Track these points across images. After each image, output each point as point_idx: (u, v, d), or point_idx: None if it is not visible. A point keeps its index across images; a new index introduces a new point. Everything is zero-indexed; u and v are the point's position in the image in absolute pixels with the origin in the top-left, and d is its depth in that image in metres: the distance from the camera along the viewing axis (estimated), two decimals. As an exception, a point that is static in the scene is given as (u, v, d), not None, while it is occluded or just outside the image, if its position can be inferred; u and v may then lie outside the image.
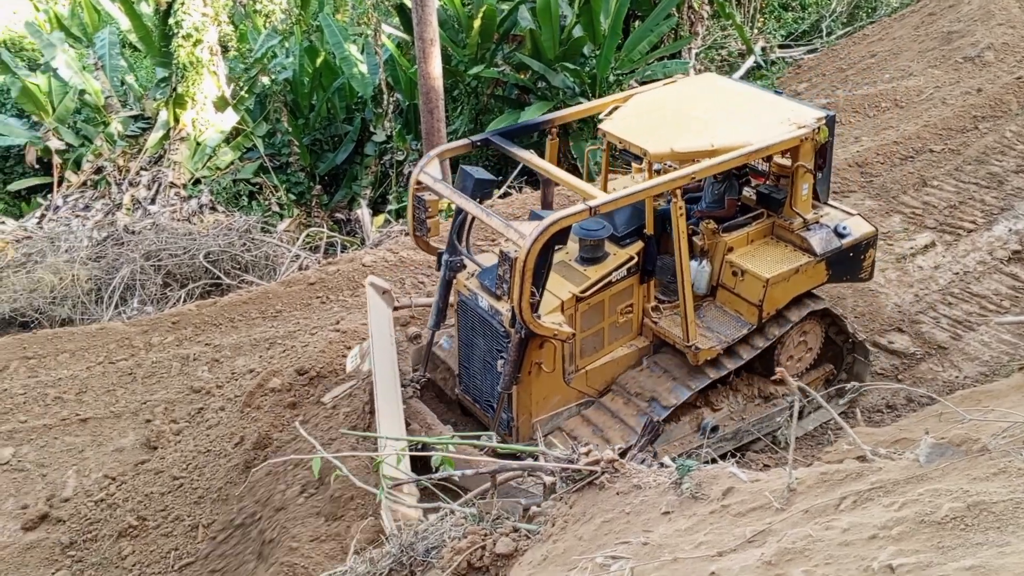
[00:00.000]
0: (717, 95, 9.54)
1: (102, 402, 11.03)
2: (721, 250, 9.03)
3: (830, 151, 9.23)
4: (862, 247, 9.44)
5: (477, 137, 9.24)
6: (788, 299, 9.02)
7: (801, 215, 9.14)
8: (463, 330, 8.89)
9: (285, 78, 19.77)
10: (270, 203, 18.06)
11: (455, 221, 8.67)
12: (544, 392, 8.50)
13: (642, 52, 18.97)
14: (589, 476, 4.37)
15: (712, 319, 8.99)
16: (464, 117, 18.74)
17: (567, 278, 8.46)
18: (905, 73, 17.40)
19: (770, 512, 3.34)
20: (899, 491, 2.96)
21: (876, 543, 2.69)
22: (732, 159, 8.38)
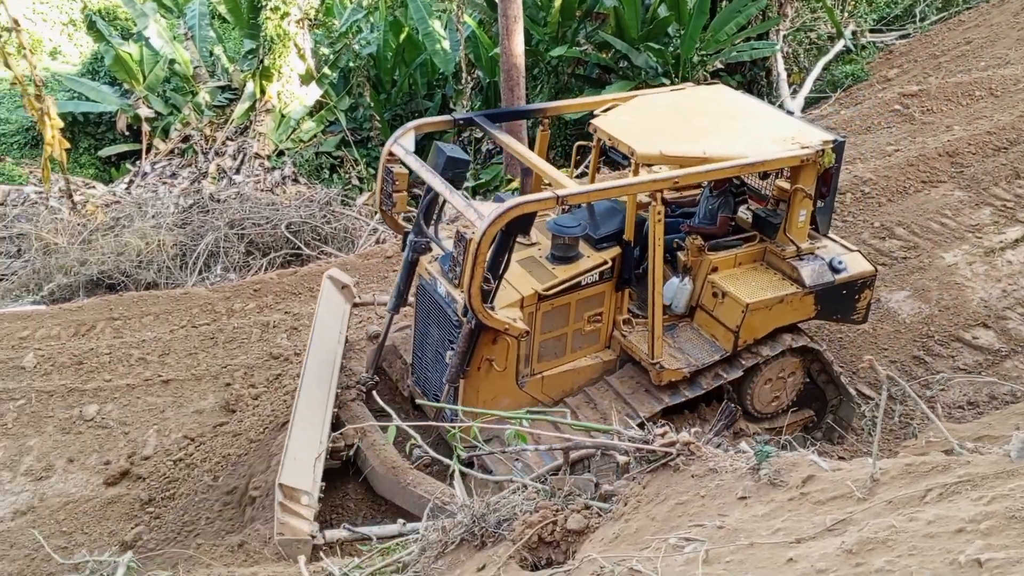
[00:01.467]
0: (722, 106, 9.10)
1: (184, 364, 11.32)
2: (705, 269, 8.54)
3: (835, 179, 8.67)
4: (857, 286, 8.78)
5: (460, 115, 8.94)
6: (768, 330, 8.46)
7: (795, 243, 8.58)
8: (420, 316, 8.53)
9: (369, 53, 19.96)
10: (350, 176, 18.30)
11: (423, 200, 8.30)
12: (493, 392, 7.96)
13: (728, 33, 18.65)
14: (664, 457, 4.35)
15: (686, 340, 8.51)
16: (544, 96, 18.70)
17: (533, 274, 8.03)
18: (1002, 61, 16.79)
19: (851, 501, 3.29)
20: (988, 485, 2.89)
21: (963, 536, 2.63)
22: (721, 169, 7.91)
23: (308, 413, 7.89)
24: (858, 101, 17.47)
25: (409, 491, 7.62)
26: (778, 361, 8.65)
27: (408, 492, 7.63)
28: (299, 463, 7.20)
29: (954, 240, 12.17)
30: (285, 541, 6.70)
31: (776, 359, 8.60)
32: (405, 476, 7.72)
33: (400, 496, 7.74)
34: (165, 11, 21.97)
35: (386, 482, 7.85)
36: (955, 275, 11.61)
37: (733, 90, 9.85)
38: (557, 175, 7.79)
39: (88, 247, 14.25)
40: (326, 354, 8.66)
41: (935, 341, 10.66)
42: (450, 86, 19.64)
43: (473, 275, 7.02)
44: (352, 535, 7.06)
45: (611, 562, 3.76)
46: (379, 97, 19.52)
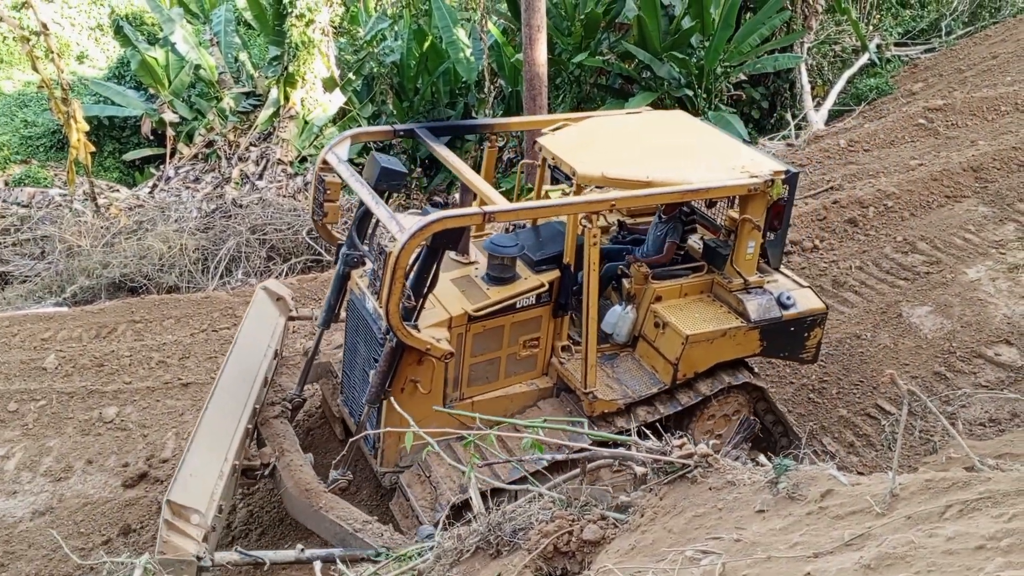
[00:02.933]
0: (676, 132, 8.86)
1: (203, 368, 11.37)
2: (649, 297, 8.27)
3: (788, 212, 8.40)
4: (807, 323, 8.47)
5: (401, 126, 8.67)
6: (709, 364, 8.16)
7: (743, 275, 8.29)
8: (349, 333, 8.28)
9: (392, 61, 20.06)
10: (371, 183, 18.35)
11: (357, 212, 8.00)
12: (417, 415, 7.29)
13: (752, 45, 18.61)
14: (682, 469, 4.33)
15: (624, 371, 8.25)
16: (566, 105, 18.72)
17: (465, 294, 7.78)
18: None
19: (870, 516, 3.27)
20: (1008, 503, 2.86)
21: (983, 554, 2.60)
22: (661, 194, 7.69)
23: (215, 428, 7.43)
24: (882, 115, 17.38)
25: (321, 515, 7.31)
26: (720, 397, 8.35)
27: (320, 516, 7.32)
28: (195, 479, 6.78)
29: (977, 256, 12.07)
30: (166, 560, 6.28)
31: (718, 395, 8.29)
32: (318, 500, 7.41)
33: (312, 520, 7.44)
34: (191, 17, 22.19)
35: (299, 505, 7.52)
36: (978, 291, 11.50)
37: (691, 117, 9.57)
38: (490, 191, 7.50)
39: (111, 250, 14.37)
40: (246, 367, 8.27)
41: (957, 357, 10.56)
42: (472, 95, 19.70)
43: (391, 291, 6.69)
44: (243, 558, 6.75)
45: (627, 573, 3.75)
46: (402, 105, 19.61)
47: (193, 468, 6.90)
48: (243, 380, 8.17)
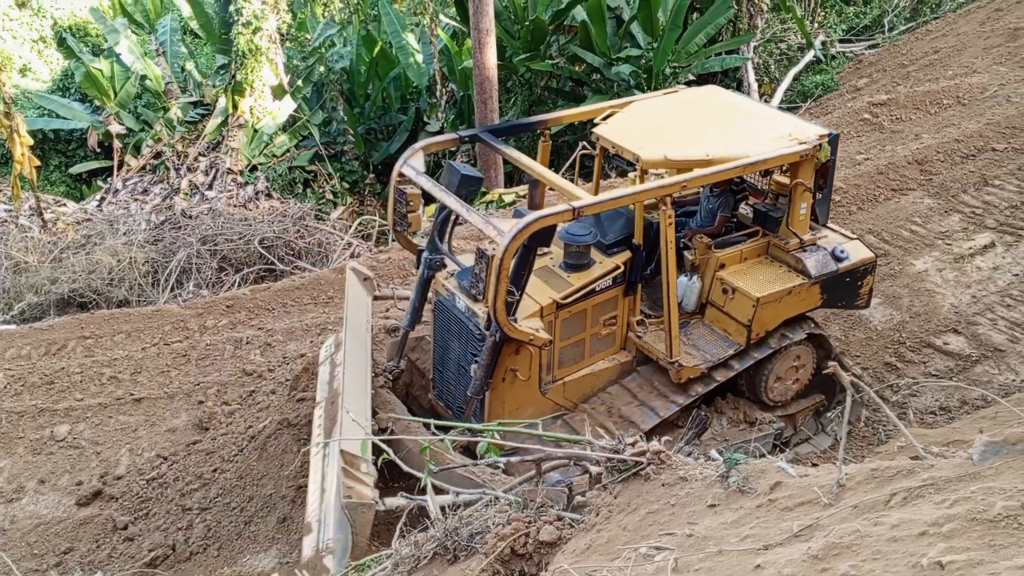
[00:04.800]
0: (717, 107, 9.27)
1: (156, 383, 11.23)
2: (712, 266, 8.71)
3: (832, 171, 8.90)
4: (860, 272, 9.04)
5: (465, 132, 9.02)
6: (779, 321, 8.65)
7: (798, 235, 8.81)
8: (439, 332, 8.57)
9: (342, 67, 19.97)
10: (324, 191, 18.28)
11: (437, 218, 8.40)
12: (518, 401, 8.09)
13: (700, 45, 18.79)
14: (635, 467, 4.35)
15: (699, 337, 8.68)
16: (517, 108, 18.76)
17: (549, 283, 8.17)
18: (969, 70, 17.01)
19: (818, 507, 3.30)
20: (951, 489, 2.91)
21: (926, 540, 2.64)
22: (726, 170, 8.07)
23: (355, 394, 7.86)
24: (828, 111, 17.64)
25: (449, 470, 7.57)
26: (788, 350, 8.88)
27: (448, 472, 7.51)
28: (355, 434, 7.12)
29: (924, 247, 12.29)
30: (352, 504, 6.57)
31: (786, 348, 8.82)
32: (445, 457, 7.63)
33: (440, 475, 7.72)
34: (136, 27, 21.88)
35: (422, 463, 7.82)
36: (926, 282, 11.72)
37: (724, 90, 10.01)
38: (569, 187, 7.85)
39: (59, 265, 14.13)
40: (360, 341, 8.66)
41: (907, 347, 10.75)
42: (424, 99, 19.66)
43: (497, 290, 7.12)
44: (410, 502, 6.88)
45: (582, 573, 3.75)
46: (353, 111, 19.51)
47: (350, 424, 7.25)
48: (361, 352, 8.48)
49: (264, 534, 8.91)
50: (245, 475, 9.48)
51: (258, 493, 9.29)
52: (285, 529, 8.87)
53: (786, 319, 8.71)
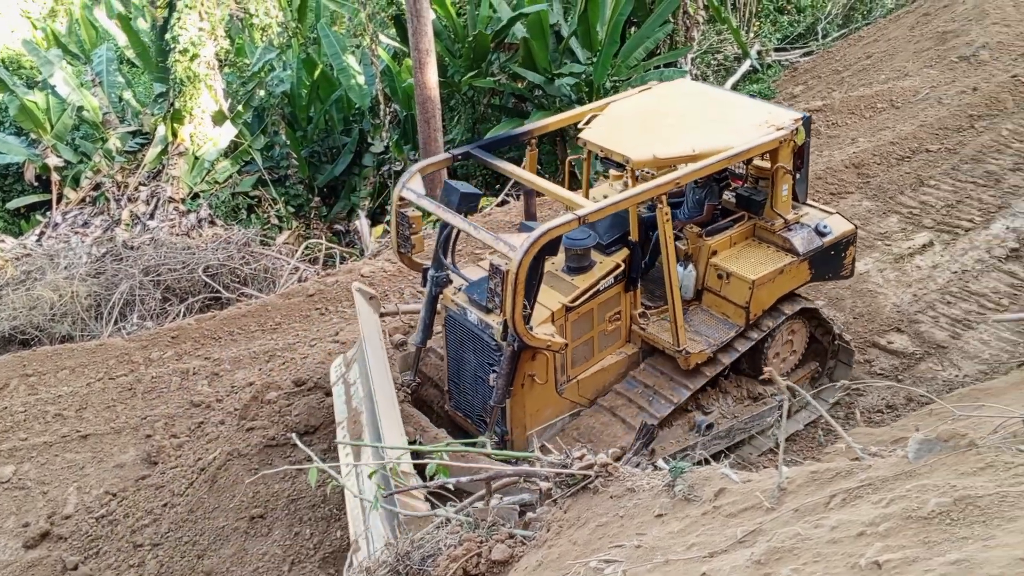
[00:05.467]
0: (693, 100, 9.55)
1: (102, 418, 11.02)
2: (705, 254, 9.02)
3: (807, 152, 9.28)
4: (843, 245, 9.47)
5: (458, 150, 9.19)
6: (774, 299, 9.05)
7: (782, 216, 9.16)
8: (452, 345, 8.75)
9: (283, 91, 19.85)
10: (269, 216, 18.11)
11: (440, 236, 8.60)
12: (538, 404, 8.40)
13: (638, 58, 18.99)
14: (583, 480, 4.36)
15: (699, 323, 8.99)
16: (461, 126, 18.78)
17: (555, 288, 8.39)
18: (901, 74, 17.41)
19: (761, 512, 3.34)
20: (888, 488, 2.95)
21: (863, 540, 2.68)
22: (715, 163, 8.37)
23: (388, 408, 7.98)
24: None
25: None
26: (784, 326, 9.30)
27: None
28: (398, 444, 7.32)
29: (864, 248, 12.51)
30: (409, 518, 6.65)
31: (783, 325, 9.24)
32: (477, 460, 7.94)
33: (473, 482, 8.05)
34: (71, 58, 21.56)
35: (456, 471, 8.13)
36: (868, 282, 11.92)
37: (694, 82, 10.50)
38: (570, 195, 8.23)
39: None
40: (380, 358, 8.71)
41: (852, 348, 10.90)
42: (367, 120, 19.60)
43: (515, 303, 7.36)
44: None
45: (533, 590, 3.75)
46: (295, 135, 19.39)
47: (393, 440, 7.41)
48: (382, 368, 8.53)
49: (218, 568, 8.78)
50: (196, 508, 9.34)
51: (210, 526, 9.16)
52: (239, 561, 8.75)
53: (780, 297, 9.11)
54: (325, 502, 8.95)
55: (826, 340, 9.97)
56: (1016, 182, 13.55)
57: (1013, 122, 14.83)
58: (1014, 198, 13.24)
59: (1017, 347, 10.75)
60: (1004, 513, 2.51)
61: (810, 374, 9.99)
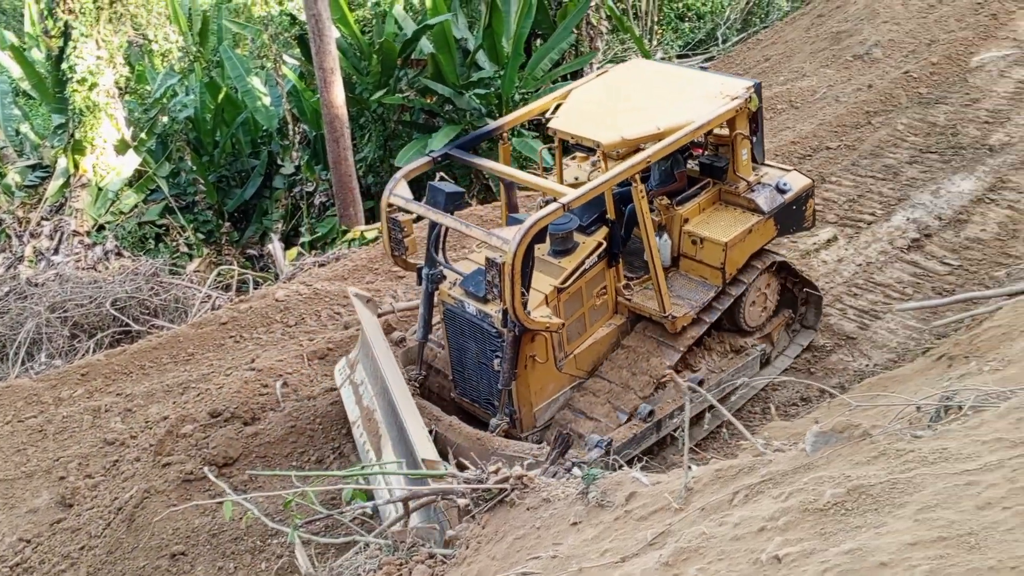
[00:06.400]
0: (650, 79, 10.04)
1: (12, 463, 10.63)
2: (678, 222, 9.51)
3: (761, 115, 9.78)
4: (803, 199, 10.04)
5: (437, 152, 9.52)
6: (746, 257, 9.57)
7: (745, 179, 9.70)
8: (453, 337, 9.16)
9: (187, 116, 19.48)
10: (178, 244, 17.75)
11: (430, 235, 9.00)
12: (541, 382, 8.90)
13: (544, 70, 19.17)
14: (500, 494, 4.35)
15: (680, 287, 9.49)
16: (372, 144, 18.68)
17: (545, 272, 8.80)
18: (799, 74, 17.87)
19: (670, 513, 3.37)
20: (787, 482, 3.01)
21: (764, 535, 2.72)
22: (681, 138, 8.86)
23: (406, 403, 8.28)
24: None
25: (500, 454, 8.19)
26: (758, 281, 9.81)
27: (499, 455, 8.16)
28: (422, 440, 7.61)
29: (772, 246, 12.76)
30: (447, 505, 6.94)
31: (756, 280, 9.75)
32: (492, 443, 8.43)
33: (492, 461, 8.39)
34: (-37, 93, 20.85)
35: (475, 452, 8.39)
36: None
37: (648, 61, 11.17)
38: (551, 185, 8.87)
39: None
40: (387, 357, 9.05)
41: (765, 344, 11.12)
42: (276, 142, 19.37)
43: (513, 291, 7.79)
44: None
45: (452, 609, 3.72)
46: (201, 160, 19.04)
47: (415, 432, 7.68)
48: (393, 365, 8.89)
49: (139, 609, 8.54)
50: (115, 549, 9.07)
51: (130, 567, 8.90)
52: (160, 600, 8.51)
53: (751, 254, 9.64)
54: (248, 534, 8.78)
55: (796, 290, 10.59)
56: (913, 174, 14.01)
57: (907, 116, 15.34)
58: (912, 190, 13.68)
59: (923, 334, 11.07)
60: (894, 500, 2.58)
61: (785, 321, 10.59)
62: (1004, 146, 13.98)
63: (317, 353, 10.88)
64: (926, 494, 2.51)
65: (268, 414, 10.22)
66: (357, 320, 10.75)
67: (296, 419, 9.98)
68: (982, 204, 13.04)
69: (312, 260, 15.20)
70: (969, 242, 12.33)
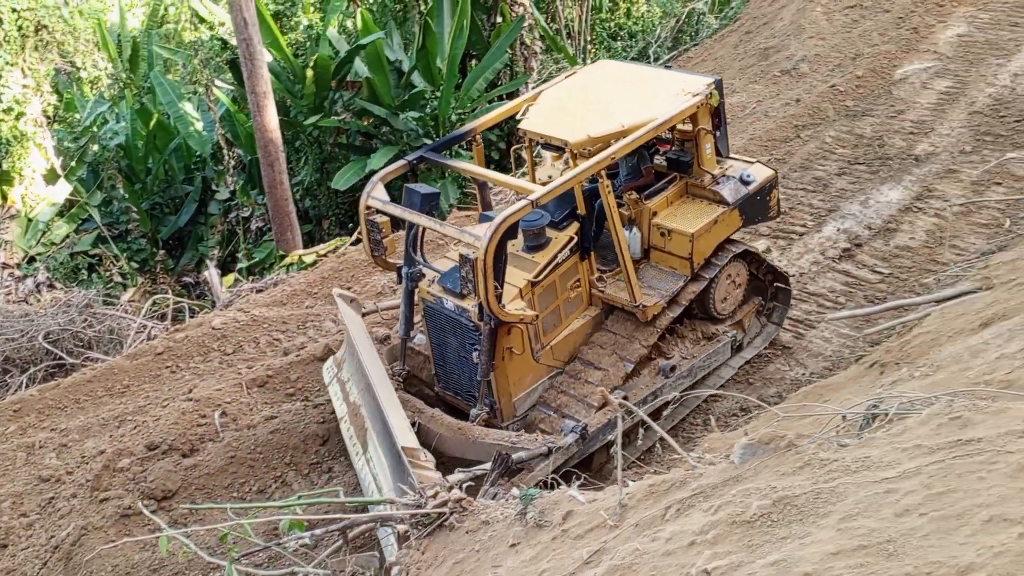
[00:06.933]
0: (616, 79, 10.40)
1: (-51, 504, 10.31)
2: (647, 216, 9.84)
3: (723, 111, 10.10)
4: (766, 190, 10.41)
5: (412, 156, 9.83)
6: (713, 247, 9.91)
7: (709, 172, 10.03)
8: (434, 333, 9.47)
9: (118, 144, 19.16)
10: (111, 274, 17.43)
11: (408, 235, 9.29)
12: (519, 373, 9.18)
13: (480, 90, 19.26)
14: (438, 518, 4.34)
15: (651, 278, 9.81)
16: (309, 167, 18.57)
17: (519, 267, 9.09)
18: (729, 91, 18.13)
19: (605, 531, 3.40)
20: (717, 495, 3.05)
21: (695, 549, 2.76)
22: (644, 134, 9.18)
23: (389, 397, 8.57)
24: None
25: (480, 443, 8.66)
26: (726, 269, 10.15)
27: (480, 444, 8.67)
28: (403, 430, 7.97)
29: (709, 260, 12.94)
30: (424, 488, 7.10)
31: (724, 269, 10.09)
32: (473, 432, 8.78)
33: (472, 449, 8.72)
34: None
35: (458, 442, 8.82)
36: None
37: (614, 62, 11.70)
38: (521, 183, 9.36)
39: None
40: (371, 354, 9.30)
41: (704, 356, 11.24)
42: (210, 167, 19.14)
43: (487, 285, 8.09)
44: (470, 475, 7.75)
45: (392, 636, 3.69)
46: (134, 188, 18.73)
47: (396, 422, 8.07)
48: (377, 362, 9.16)
49: (77, 650, 8.32)
50: (50, 589, 8.85)
51: (66, 606, 8.68)
52: (99, 641, 8.31)
53: (718, 244, 9.97)
54: (189, 568, 8.62)
55: (765, 277, 10.94)
56: (843, 186, 14.33)
57: (835, 129, 15.70)
58: (842, 201, 13.99)
59: (856, 342, 11.31)
60: (818, 510, 2.63)
61: (755, 308, 10.93)
62: (929, 156, 14.39)
63: (256, 381, 10.74)
64: (848, 503, 2.57)
65: (207, 445, 10.08)
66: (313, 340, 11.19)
67: (236, 449, 9.85)
68: (910, 213, 13.38)
69: (249, 286, 15.01)
70: (898, 250, 12.64)
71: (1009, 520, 2.25)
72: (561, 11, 23.20)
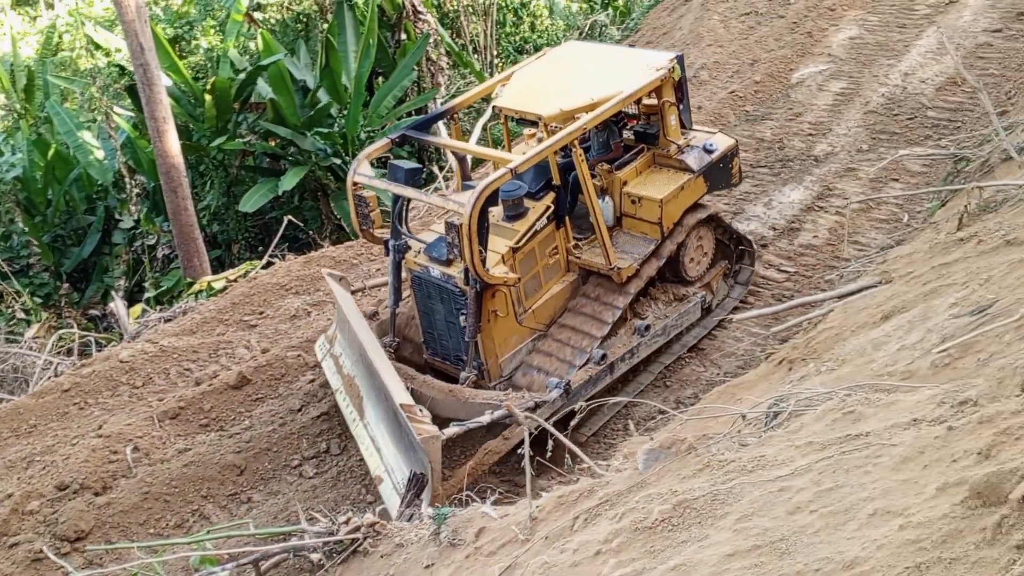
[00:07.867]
0: (584, 58, 11.12)
1: None
2: (618, 185, 10.48)
3: (685, 85, 10.72)
4: (728, 158, 11.10)
5: (394, 134, 10.44)
6: (680, 212, 10.57)
7: (675, 142, 10.65)
8: (421, 301, 9.98)
9: (15, 176, 18.56)
10: (14, 310, 16.80)
11: (394, 209, 9.88)
12: (504, 335, 9.71)
13: (388, 107, 19.19)
14: (352, 544, 4.28)
15: (624, 243, 10.43)
16: (215, 191, 18.25)
17: (500, 236, 9.62)
18: (633, 99, 18.47)
19: (517, 545, 3.40)
20: (622, 502, 3.08)
21: (600, 558, 2.78)
22: (612, 107, 9.80)
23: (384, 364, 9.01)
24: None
25: (471, 403, 9.12)
26: (693, 233, 10.84)
27: (471, 404, 9.11)
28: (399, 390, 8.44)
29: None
30: (425, 439, 7.68)
31: (692, 232, 10.79)
32: (463, 394, 9.27)
33: (464, 409, 9.13)
34: None
35: (449, 403, 9.28)
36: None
37: (581, 43, 12.73)
38: (500, 154, 9.98)
39: None
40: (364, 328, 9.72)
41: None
42: (112, 196, 18.65)
43: (472, 249, 8.59)
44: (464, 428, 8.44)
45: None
46: (34, 220, 18.14)
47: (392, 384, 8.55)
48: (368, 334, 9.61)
49: None
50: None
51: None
52: None
53: (685, 209, 10.63)
54: (106, 610, 8.35)
55: (727, 239, 11.63)
56: (746, 188, 14.63)
57: (736, 134, 16.01)
58: (746, 203, 14.30)
59: (766, 340, 11.55)
60: (716, 511, 2.68)
61: (722, 270, 11.60)
62: (828, 155, 14.81)
63: (168, 413, 10.50)
64: (744, 503, 2.61)
65: (120, 482, 9.82)
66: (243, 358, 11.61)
67: (150, 484, 9.61)
68: (812, 212, 13.75)
69: (158, 316, 14.63)
70: (803, 249, 12.97)
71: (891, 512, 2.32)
72: (466, 27, 23.26)
